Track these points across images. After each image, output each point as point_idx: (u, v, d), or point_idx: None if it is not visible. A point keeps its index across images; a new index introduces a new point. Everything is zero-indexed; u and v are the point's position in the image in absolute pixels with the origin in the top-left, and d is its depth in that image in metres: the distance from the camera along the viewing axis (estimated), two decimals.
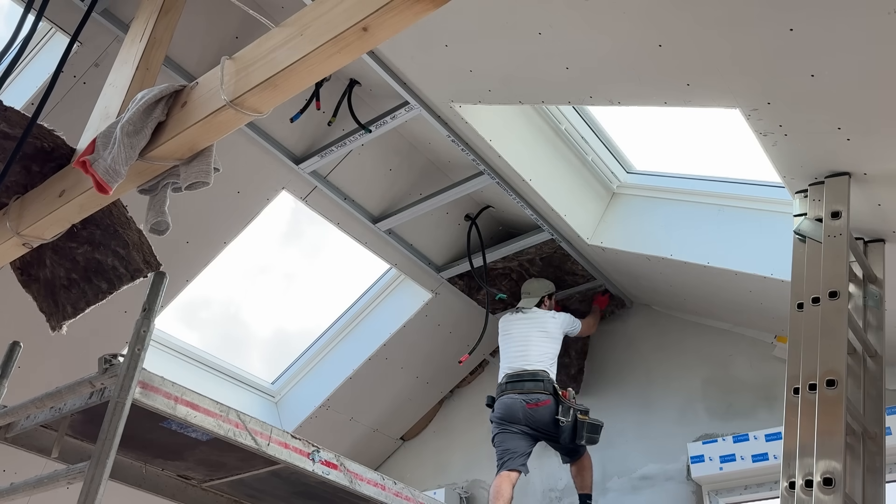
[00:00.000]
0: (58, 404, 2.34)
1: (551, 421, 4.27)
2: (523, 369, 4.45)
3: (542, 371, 4.44)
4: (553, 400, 4.32)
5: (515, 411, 4.31)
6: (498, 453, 4.34)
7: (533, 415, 4.29)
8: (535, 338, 4.61)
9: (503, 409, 4.37)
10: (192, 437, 2.36)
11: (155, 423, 2.26)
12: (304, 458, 2.51)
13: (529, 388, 4.35)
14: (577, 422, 4.24)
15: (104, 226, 2.83)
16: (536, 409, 4.29)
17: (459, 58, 3.44)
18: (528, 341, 4.59)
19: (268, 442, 2.41)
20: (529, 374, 4.41)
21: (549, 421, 4.28)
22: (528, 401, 4.30)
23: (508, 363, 4.53)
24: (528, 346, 4.57)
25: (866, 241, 3.46)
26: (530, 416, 4.30)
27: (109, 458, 1.97)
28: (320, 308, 5.60)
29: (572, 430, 4.24)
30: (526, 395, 4.33)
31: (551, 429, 4.30)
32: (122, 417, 2.01)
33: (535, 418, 4.29)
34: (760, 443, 4.33)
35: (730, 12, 2.65)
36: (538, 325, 4.67)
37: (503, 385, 4.46)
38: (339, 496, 2.73)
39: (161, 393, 2.16)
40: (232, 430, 2.31)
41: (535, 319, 4.72)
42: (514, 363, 4.49)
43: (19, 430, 2.52)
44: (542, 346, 4.57)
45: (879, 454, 3.04)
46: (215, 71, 2.29)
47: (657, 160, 4.76)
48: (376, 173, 4.62)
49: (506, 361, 4.57)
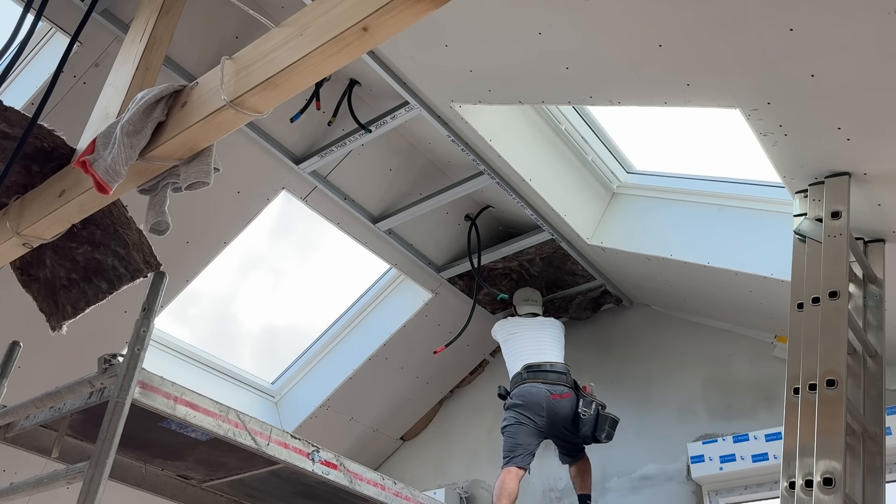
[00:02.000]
0: (57, 404, 2.34)
1: (570, 414, 4.26)
2: (545, 360, 4.45)
3: (564, 364, 4.46)
4: (574, 394, 4.33)
5: (539, 400, 4.26)
6: (507, 445, 4.24)
7: (556, 406, 4.26)
8: (549, 339, 4.66)
9: (526, 396, 4.29)
10: (192, 437, 2.36)
11: (154, 423, 2.26)
12: (303, 458, 2.51)
13: (553, 378, 4.34)
14: (598, 416, 4.22)
15: (104, 226, 2.83)
16: (560, 401, 4.27)
17: (459, 58, 3.44)
18: (543, 341, 4.63)
19: (267, 442, 2.40)
20: (551, 364, 4.42)
21: (568, 414, 4.26)
22: (553, 391, 4.29)
23: (527, 356, 4.49)
24: (543, 345, 4.59)
25: (866, 241, 3.46)
26: (553, 406, 4.26)
27: (109, 458, 1.97)
28: (319, 308, 5.60)
29: (594, 424, 4.21)
30: (550, 386, 4.31)
31: (568, 423, 4.28)
32: (121, 417, 2.01)
33: (556, 409, 4.26)
34: (760, 443, 4.33)
35: (730, 12, 2.65)
36: (549, 330, 4.72)
37: (523, 374, 4.40)
38: (339, 496, 2.73)
39: (161, 393, 2.16)
40: (231, 430, 2.31)
41: (545, 324, 4.78)
42: (533, 356, 4.48)
43: (19, 429, 2.52)
44: (557, 346, 4.63)
45: (879, 454, 3.04)
46: (215, 71, 2.29)
47: (657, 160, 4.77)
48: (376, 173, 4.62)
49: (524, 356, 4.52)
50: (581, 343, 5.50)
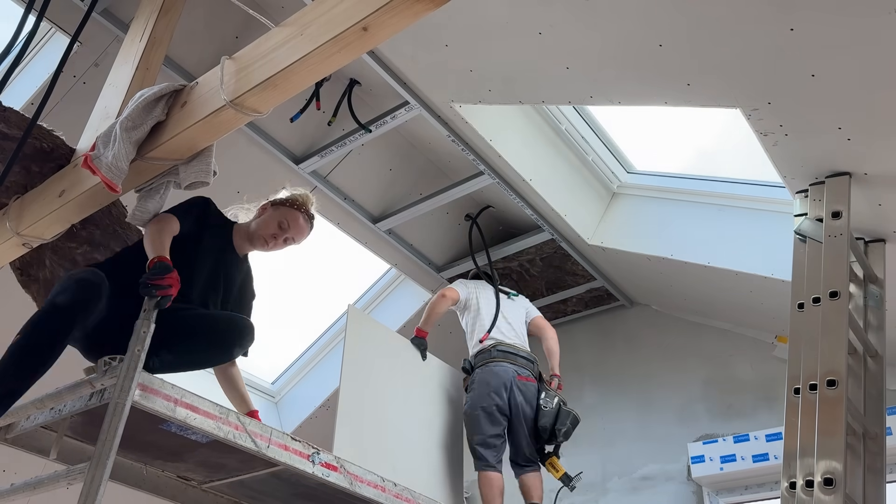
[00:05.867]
0: (58, 405, 2.33)
1: (532, 400, 4.03)
2: (518, 346, 4.21)
3: (532, 355, 4.25)
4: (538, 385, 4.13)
5: (506, 381, 4.01)
6: (477, 440, 3.94)
7: (521, 388, 4.03)
8: (521, 324, 4.41)
9: (491, 377, 4.03)
10: (192, 440, 2.35)
11: (155, 426, 2.26)
12: (303, 461, 2.50)
13: (522, 363, 4.13)
14: (560, 409, 3.99)
15: (103, 226, 2.83)
16: (526, 384, 4.06)
17: (459, 58, 3.44)
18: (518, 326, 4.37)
19: (267, 444, 2.40)
20: (524, 352, 4.19)
21: (530, 399, 4.03)
22: (520, 373, 4.07)
23: (500, 334, 4.22)
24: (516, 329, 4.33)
25: (867, 241, 3.46)
26: (518, 389, 4.02)
27: (109, 460, 1.97)
28: (319, 308, 5.59)
29: (555, 417, 3.97)
30: (518, 368, 4.09)
31: (528, 412, 4.02)
32: (121, 419, 2.00)
33: (521, 392, 4.03)
34: (761, 443, 4.33)
35: (730, 12, 2.65)
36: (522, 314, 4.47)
37: (491, 351, 4.13)
38: (339, 497, 2.72)
39: (161, 395, 2.15)
40: (232, 432, 2.30)
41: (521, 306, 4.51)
42: (507, 337, 4.22)
43: (19, 430, 2.51)
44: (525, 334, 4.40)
45: (880, 454, 3.04)
46: (215, 71, 2.28)
47: (657, 160, 4.77)
48: (376, 173, 4.62)
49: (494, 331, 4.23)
50: (581, 343, 5.50)
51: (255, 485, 2.74)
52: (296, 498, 2.81)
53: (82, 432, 2.51)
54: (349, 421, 3.51)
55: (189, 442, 2.37)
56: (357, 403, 3.63)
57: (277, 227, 2.80)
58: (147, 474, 2.70)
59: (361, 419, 3.62)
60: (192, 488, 2.83)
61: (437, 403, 4.25)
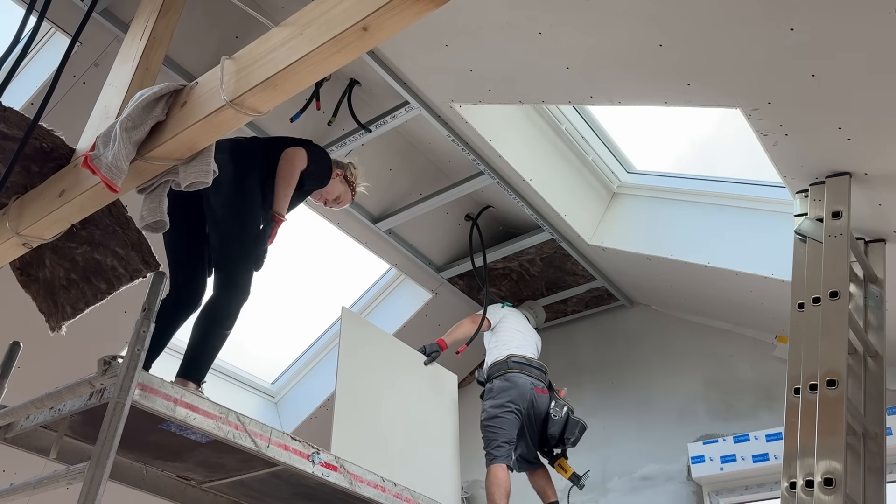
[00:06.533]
0: (57, 405, 2.33)
1: (543, 413, 4.30)
2: (533, 358, 4.51)
3: (544, 365, 4.52)
4: (549, 394, 4.38)
5: (526, 391, 4.30)
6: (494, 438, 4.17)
7: (536, 400, 4.31)
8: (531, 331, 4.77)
9: (512, 386, 4.30)
10: (192, 439, 2.35)
11: (154, 425, 2.26)
12: (303, 460, 2.51)
13: (536, 374, 4.41)
14: (569, 418, 4.25)
15: (103, 226, 2.83)
16: (540, 396, 4.33)
17: (459, 58, 3.44)
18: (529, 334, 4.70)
19: (267, 444, 2.40)
20: (537, 363, 4.47)
21: (543, 411, 4.31)
22: (536, 385, 4.35)
23: (516, 348, 4.51)
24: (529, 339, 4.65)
25: (867, 241, 3.46)
26: (534, 400, 4.31)
27: (109, 459, 1.97)
28: (319, 308, 5.59)
29: (563, 426, 4.24)
30: (534, 380, 4.37)
31: (539, 422, 4.31)
32: (121, 419, 2.00)
33: (536, 403, 4.31)
34: (761, 443, 4.33)
35: (730, 12, 2.65)
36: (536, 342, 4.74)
37: (508, 363, 4.41)
38: (339, 497, 2.73)
39: (160, 395, 2.15)
40: (231, 432, 2.31)
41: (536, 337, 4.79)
42: (522, 350, 4.51)
43: (19, 430, 2.51)
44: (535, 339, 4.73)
45: (880, 454, 3.04)
46: (215, 71, 2.28)
47: (657, 160, 4.77)
48: (376, 173, 4.61)
49: (512, 346, 4.53)
50: (581, 343, 5.50)
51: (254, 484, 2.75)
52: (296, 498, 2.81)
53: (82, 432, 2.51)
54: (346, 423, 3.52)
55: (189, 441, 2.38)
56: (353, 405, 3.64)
57: (335, 200, 3.54)
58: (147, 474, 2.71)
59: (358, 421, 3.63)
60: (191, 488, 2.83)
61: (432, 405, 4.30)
